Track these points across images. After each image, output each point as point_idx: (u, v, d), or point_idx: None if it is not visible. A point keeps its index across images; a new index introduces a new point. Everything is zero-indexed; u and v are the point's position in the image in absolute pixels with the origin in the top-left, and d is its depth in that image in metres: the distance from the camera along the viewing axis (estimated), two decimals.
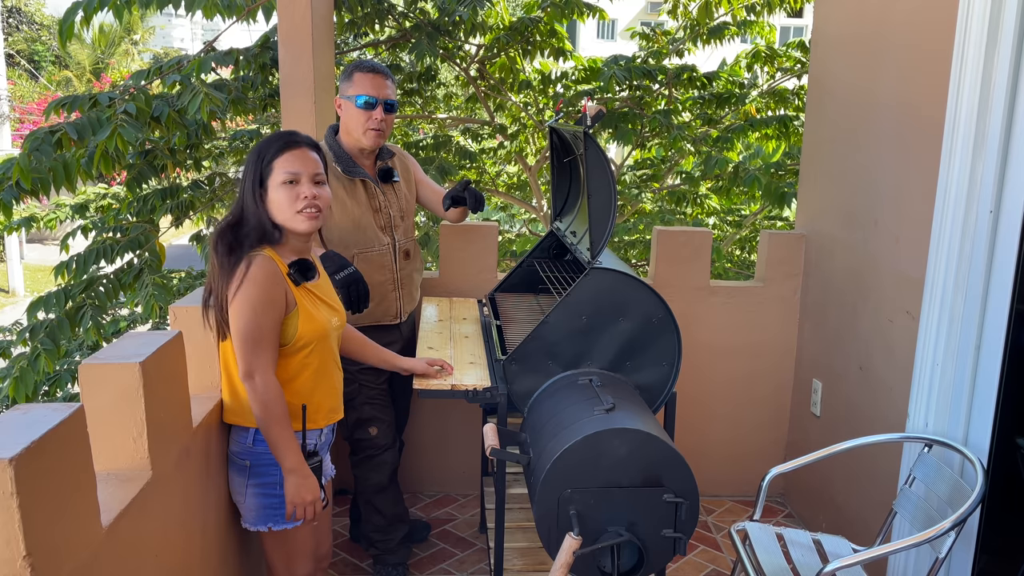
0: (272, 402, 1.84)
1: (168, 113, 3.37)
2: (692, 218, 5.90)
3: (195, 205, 4.47)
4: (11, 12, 20.58)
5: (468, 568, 2.94)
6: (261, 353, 1.83)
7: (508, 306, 2.93)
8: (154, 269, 3.84)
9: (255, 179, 1.87)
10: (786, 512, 3.41)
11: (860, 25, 2.90)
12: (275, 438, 1.86)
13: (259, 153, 1.88)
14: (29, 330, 3.51)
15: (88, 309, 3.54)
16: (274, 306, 1.84)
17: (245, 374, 1.84)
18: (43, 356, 3.39)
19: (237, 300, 1.82)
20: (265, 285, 1.82)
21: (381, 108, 2.51)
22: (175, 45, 27.84)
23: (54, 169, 3.16)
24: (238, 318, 1.82)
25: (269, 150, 1.87)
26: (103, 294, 3.68)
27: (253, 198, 1.87)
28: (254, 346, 1.83)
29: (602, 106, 3.00)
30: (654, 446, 1.92)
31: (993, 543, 2.26)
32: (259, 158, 1.87)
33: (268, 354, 1.85)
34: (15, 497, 1.08)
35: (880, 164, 2.71)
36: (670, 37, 5.59)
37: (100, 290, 3.68)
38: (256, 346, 1.83)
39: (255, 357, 1.83)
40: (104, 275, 3.80)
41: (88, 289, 3.67)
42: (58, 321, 3.49)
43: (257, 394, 1.83)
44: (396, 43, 4.81)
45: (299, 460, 1.88)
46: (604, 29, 26.33)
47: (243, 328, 1.82)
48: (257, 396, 1.83)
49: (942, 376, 2.29)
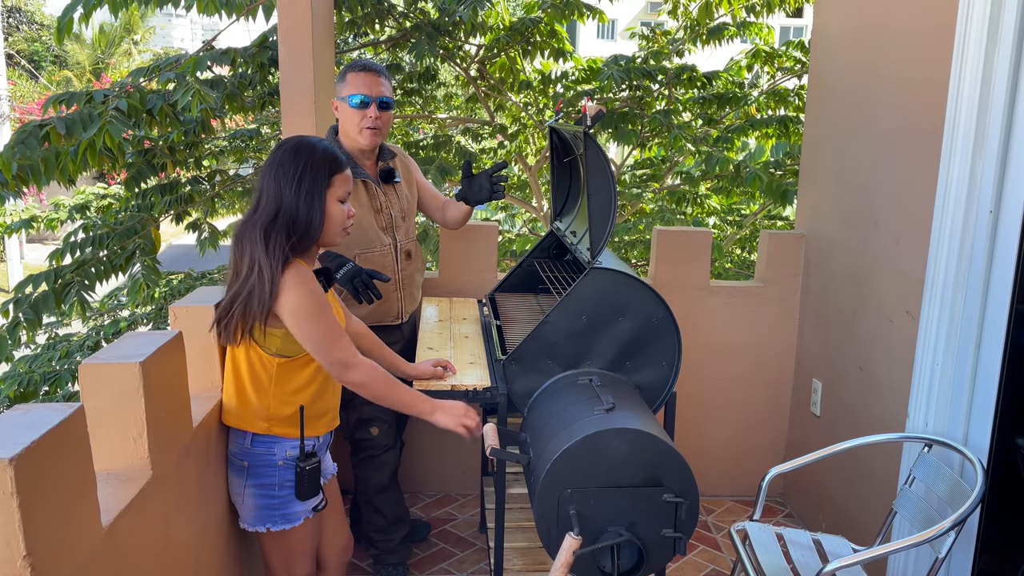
0: (379, 376, 1.91)
1: (161, 107, 3.37)
2: (692, 218, 5.91)
3: (194, 199, 4.47)
4: (11, 12, 20.57)
5: (468, 568, 2.94)
6: (342, 342, 1.87)
7: (508, 306, 2.93)
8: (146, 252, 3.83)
9: (312, 187, 1.83)
10: (786, 512, 3.41)
11: (860, 25, 2.90)
12: (403, 400, 1.95)
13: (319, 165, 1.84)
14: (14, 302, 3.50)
15: (75, 285, 3.54)
16: (327, 304, 1.87)
17: (342, 367, 1.87)
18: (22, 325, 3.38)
19: (299, 303, 1.79)
20: (315, 286, 1.84)
21: (375, 106, 2.51)
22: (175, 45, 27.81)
23: (46, 159, 3.16)
24: (306, 319, 1.81)
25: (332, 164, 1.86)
26: (92, 274, 3.68)
27: (307, 204, 1.82)
28: (335, 340, 1.85)
29: (602, 106, 3.00)
30: (654, 446, 1.92)
31: (993, 543, 2.26)
32: (320, 169, 1.84)
33: (348, 340, 1.89)
34: (15, 497, 1.08)
35: (880, 164, 2.71)
36: (670, 37, 5.59)
37: (91, 270, 3.68)
38: (336, 340, 1.85)
39: (342, 349, 1.86)
40: (96, 257, 3.80)
41: (78, 270, 3.67)
42: (43, 296, 3.48)
43: (363, 376, 1.89)
44: (396, 43, 4.81)
45: (431, 400, 1.98)
46: (604, 29, 26.32)
47: (320, 329, 1.82)
48: (364, 377, 1.89)
49: (942, 376, 2.29)
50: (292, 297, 1.79)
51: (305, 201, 1.82)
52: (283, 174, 1.83)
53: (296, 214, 1.82)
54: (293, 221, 1.82)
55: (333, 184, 1.86)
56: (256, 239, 1.79)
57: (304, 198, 1.82)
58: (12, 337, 3.41)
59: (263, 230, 1.80)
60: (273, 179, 1.83)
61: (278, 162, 1.84)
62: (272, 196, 1.82)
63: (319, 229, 1.85)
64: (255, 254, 1.79)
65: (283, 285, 1.78)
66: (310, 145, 1.86)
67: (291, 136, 1.93)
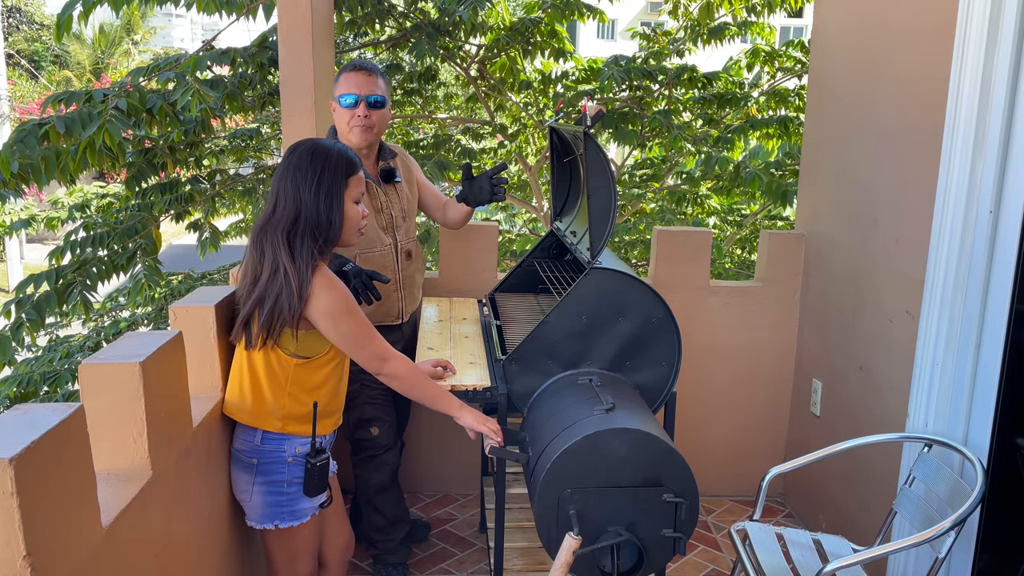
0: (413, 369, 2.00)
1: (162, 106, 3.37)
2: (692, 218, 5.91)
3: (195, 198, 4.47)
4: (11, 12, 20.58)
5: (468, 568, 2.94)
6: (377, 340, 1.93)
7: (508, 306, 2.93)
8: (148, 252, 3.83)
9: (332, 189, 1.84)
10: (786, 512, 3.41)
11: (860, 25, 2.90)
12: (431, 394, 2.02)
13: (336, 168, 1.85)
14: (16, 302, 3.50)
15: (77, 285, 3.54)
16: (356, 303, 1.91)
17: (379, 361, 1.93)
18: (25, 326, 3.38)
19: (332, 305, 1.82)
20: (345, 288, 1.87)
21: (364, 104, 2.52)
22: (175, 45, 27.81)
23: (46, 158, 3.16)
24: (341, 321, 1.84)
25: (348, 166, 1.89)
26: (94, 273, 3.68)
27: (327, 206, 1.83)
28: (369, 338, 1.91)
29: (602, 106, 3.00)
30: (654, 446, 1.92)
31: (993, 543, 2.26)
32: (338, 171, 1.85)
33: (379, 335, 1.94)
34: (15, 497, 1.08)
35: (880, 164, 2.71)
36: (670, 37, 5.59)
37: (92, 270, 3.68)
38: (370, 337, 1.91)
39: (377, 345, 1.92)
40: (98, 257, 3.80)
41: (80, 269, 3.67)
42: (45, 296, 3.48)
43: (402, 370, 1.96)
44: (396, 43, 4.81)
45: (458, 401, 2.06)
46: (604, 29, 26.32)
47: (355, 327, 1.87)
48: (403, 371, 1.96)
49: (942, 376, 2.29)
50: (325, 299, 1.82)
51: (325, 204, 1.83)
52: (301, 177, 1.83)
53: (317, 217, 1.83)
54: (316, 224, 1.83)
55: (349, 186, 1.89)
56: (279, 243, 1.81)
57: (324, 200, 1.83)
58: (16, 338, 3.41)
59: (285, 234, 1.81)
60: (291, 182, 1.84)
61: (295, 165, 1.85)
62: (291, 200, 1.83)
63: (339, 231, 1.87)
64: (279, 259, 1.80)
65: (313, 289, 1.80)
66: (325, 148, 1.87)
67: (303, 139, 1.93)
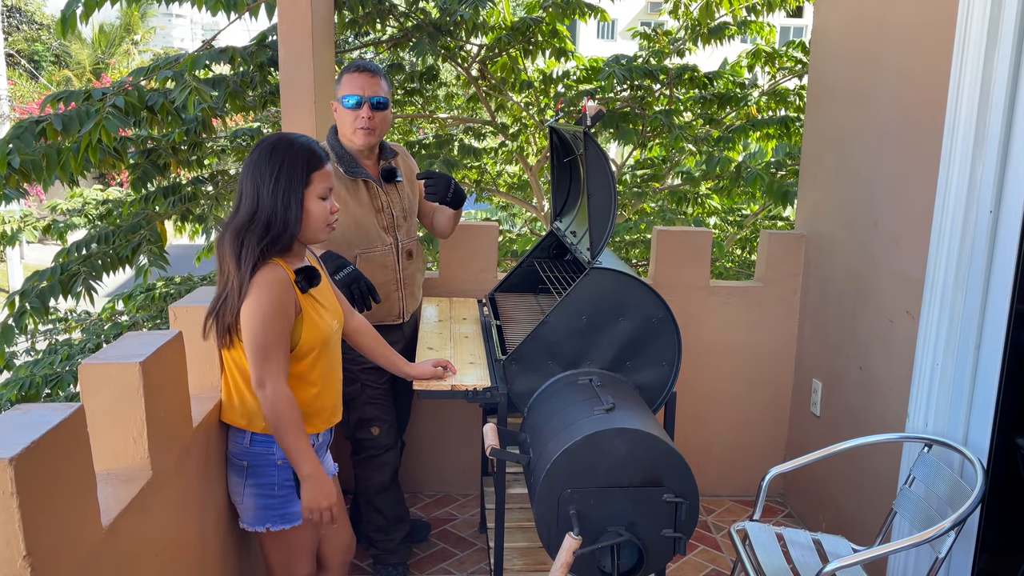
0: (284, 410, 1.82)
1: (162, 104, 3.37)
2: (693, 218, 5.90)
3: (198, 198, 4.47)
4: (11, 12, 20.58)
5: (468, 568, 2.94)
6: (271, 361, 1.81)
7: (508, 306, 2.93)
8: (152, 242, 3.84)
9: (289, 186, 1.80)
10: (786, 512, 3.41)
11: (860, 25, 2.90)
12: (290, 445, 1.84)
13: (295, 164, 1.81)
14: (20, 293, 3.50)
15: (81, 275, 3.55)
16: (284, 315, 1.81)
17: (257, 383, 1.82)
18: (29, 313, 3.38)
19: (248, 308, 1.79)
20: (276, 293, 1.80)
21: (368, 106, 2.51)
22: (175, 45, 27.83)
23: (48, 156, 3.16)
24: (249, 327, 1.79)
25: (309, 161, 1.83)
26: (99, 265, 3.69)
27: (283, 205, 1.80)
28: (265, 355, 1.80)
29: (602, 106, 3.00)
30: (654, 446, 1.92)
31: (993, 543, 2.26)
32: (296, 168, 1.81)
33: (279, 362, 1.82)
34: (15, 497, 1.08)
35: (880, 164, 2.71)
36: (671, 37, 5.59)
37: (98, 262, 3.69)
38: (267, 355, 1.80)
39: (266, 365, 1.81)
40: (103, 251, 3.81)
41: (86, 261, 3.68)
42: (50, 286, 3.49)
43: (268, 402, 1.81)
44: (397, 43, 4.81)
45: (315, 466, 1.87)
46: (604, 29, 26.31)
47: (254, 337, 1.79)
48: (268, 404, 1.81)
49: (942, 376, 2.29)
50: (251, 299, 1.78)
51: (282, 202, 1.80)
52: (259, 175, 1.81)
53: (272, 215, 1.80)
54: (269, 222, 1.80)
55: (312, 182, 1.84)
56: (230, 242, 1.80)
57: (281, 199, 1.80)
58: (19, 325, 3.40)
59: (235, 233, 1.80)
60: (250, 180, 1.82)
61: (255, 162, 1.82)
62: (249, 198, 1.81)
63: (296, 228, 1.83)
64: (226, 258, 1.80)
65: (250, 287, 1.78)
66: (287, 143, 1.84)
67: (270, 134, 1.90)
